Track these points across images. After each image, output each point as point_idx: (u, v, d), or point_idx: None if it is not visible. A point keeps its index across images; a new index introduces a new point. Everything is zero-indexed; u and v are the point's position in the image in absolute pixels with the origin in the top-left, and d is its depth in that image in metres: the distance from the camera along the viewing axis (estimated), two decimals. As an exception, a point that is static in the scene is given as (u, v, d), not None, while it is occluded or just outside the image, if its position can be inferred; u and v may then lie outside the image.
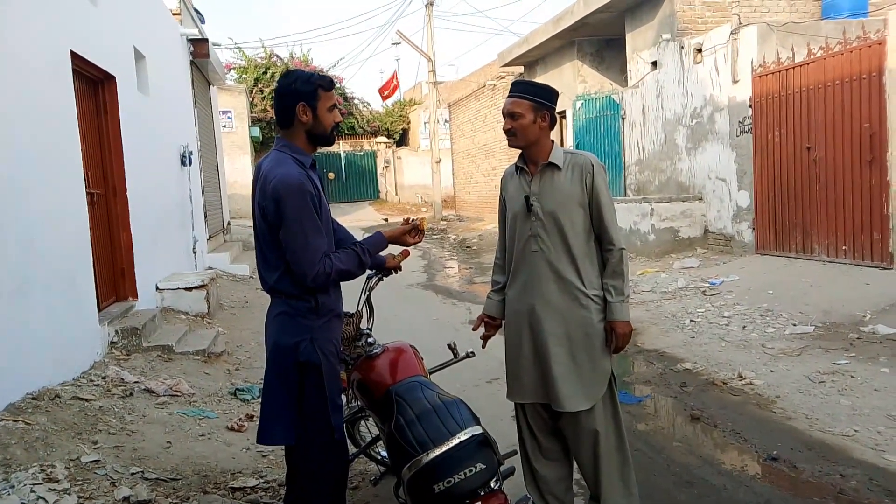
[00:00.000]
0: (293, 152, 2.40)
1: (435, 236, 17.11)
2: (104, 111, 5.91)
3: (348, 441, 3.54)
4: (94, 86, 5.80)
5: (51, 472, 2.98)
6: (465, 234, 16.47)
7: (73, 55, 5.00)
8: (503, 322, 2.85)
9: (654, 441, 3.93)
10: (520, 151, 2.73)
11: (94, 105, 5.79)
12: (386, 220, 21.83)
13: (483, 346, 2.99)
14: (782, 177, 7.94)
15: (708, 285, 7.42)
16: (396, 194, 27.47)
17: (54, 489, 2.86)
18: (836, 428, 3.90)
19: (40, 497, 2.78)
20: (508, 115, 2.65)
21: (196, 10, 11.27)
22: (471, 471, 2.21)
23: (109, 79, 5.90)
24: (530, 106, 2.61)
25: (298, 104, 2.38)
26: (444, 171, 22.13)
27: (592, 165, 2.62)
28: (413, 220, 2.70)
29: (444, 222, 19.53)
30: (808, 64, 7.52)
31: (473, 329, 2.95)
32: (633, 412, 4.37)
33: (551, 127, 2.68)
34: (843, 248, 7.11)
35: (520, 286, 2.72)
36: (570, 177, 2.62)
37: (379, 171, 28.39)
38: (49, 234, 4.33)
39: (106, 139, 5.90)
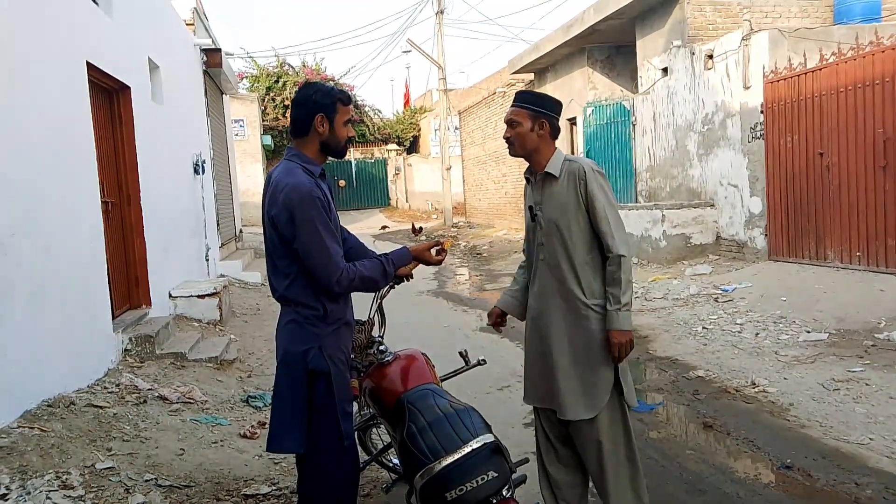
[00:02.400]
0: (303, 161, 2.44)
1: (445, 243, 17.11)
2: (119, 121, 5.98)
3: (360, 448, 3.55)
4: (109, 96, 5.87)
5: (66, 479, 3.01)
6: (475, 240, 16.47)
7: (89, 66, 5.07)
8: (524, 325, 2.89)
9: (667, 449, 3.91)
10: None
11: (109, 115, 5.87)
12: (385, 227, 21.88)
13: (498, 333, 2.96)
14: (795, 183, 7.90)
15: (720, 292, 7.37)
16: (407, 201, 27.53)
17: (70, 496, 2.89)
18: (851, 436, 3.86)
19: None
20: (508, 123, 2.71)
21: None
22: (483, 479, 2.21)
23: (124, 89, 5.98)
24: (528, 114, 2.65)
25: (317, 115, 2.43)
26: (455, 178, 22.17)
27: (585, 172, 2.59)
28: (419, 230, 2.75)
29: (455, 229, 19.55)
30: (820, 69, 7.49)
31: (488, 322, 2.98)
32: (645, 420, 4.35)
33: (553, 136, 2.69)
34: (857, 254, 7.05)
35: (535, 294, 2.77)
36: (565, 185, 2.63)
37: (389, 178, 28.50)
38: (64, 242, 4.39)
39: (120, 148, 5.97)
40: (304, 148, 2.48)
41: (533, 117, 2.64)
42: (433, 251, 2.64)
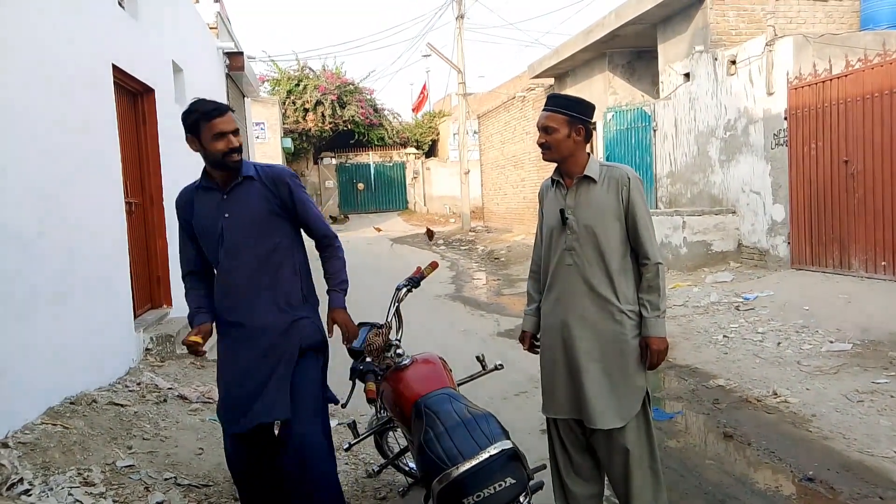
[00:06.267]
0: (201, 176, 2.72)
1: (463, 247, 17.12)
2: (143, 122, 6.06)
3: (377, 452, 3.56)
4: (133, 98, 5.96)
5: (87, 476, 3.05)
6: (493, 245, 16.44)
7: (115, 68, 5.15)
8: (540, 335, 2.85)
9: (686, 459, 3.86)
10: (555, 164, 2.73)
11: (133, 116, 5.95)
12: (379, 230, 22.02)
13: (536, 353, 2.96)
14: (819, 190, 7.79)
15: (741, 300, 7.29)
16: (425, 205, 27.58)
17: (91, 493, 2.92)
18: (875, 449, 3.79)
19: (77, 500, 2.84)
20: (542, 128, 2.64)
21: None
22: (501, 485, 2.20)
23: (149, 91, 6.06)
24: (565, 120, 2.60)
25: (187, 136, 2.58)
26: (473, 182, 22.17)
27: (629, 178, 2.60)
28: (433, 234, 2.83)
29: (473, 234, 19.53)
30: (845, 76, 7.38)
31: (524, 349, 2.96)
32: (664, 429, 4.31)
33: (587, 140, 2.67)
34: (882, 263, 6.93)
35: (553, 300, 2.71)
36: (605, 190, 2.61)
37: (408, 181, 28.56)
38: (88, 242, 4.45)
39: (144, 150, 6.05)
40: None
41: (569, 123, 2.60)
42: (191, 339, 2.64)
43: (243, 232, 2.62)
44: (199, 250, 2.73)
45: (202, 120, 2.52)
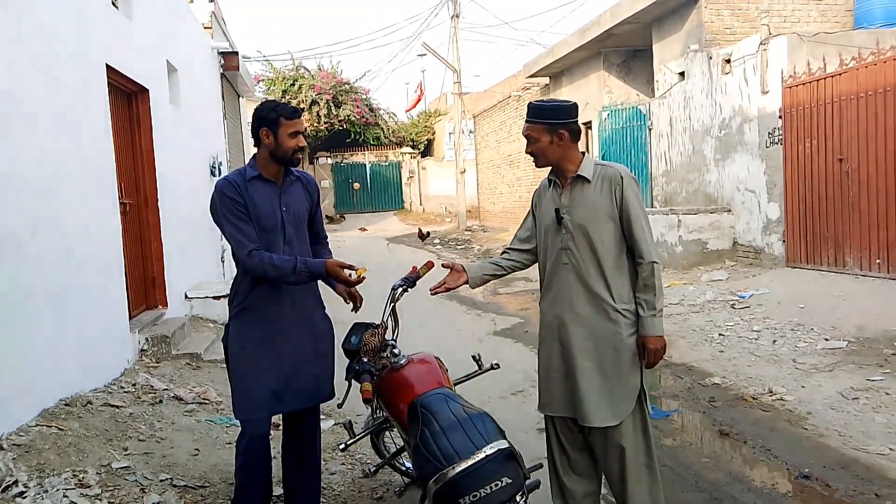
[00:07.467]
0: (247, 166, 2.82)
1: (459, 247, 17.12)
2: (137, 123, 6.04)
3: (373, 451, 3.56)
4: (127, 98, 5.93)
5: (83, 478, 3.03)
6: (489, 244, 16.44)
7: (109, 69, 5.13)
8: (538, 330, 2.85)
9: (682, 457, 3.87)
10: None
11: (127, 117, 5.93)
12: (363, 229, 22.11)
13: (431, 292, 2.84)
14: (813, 188, 7.81)
15: (737, 298, 7.31)
16: (421, 204, 27.57)
17: (86, 495, 2.91)
18: (870, 446, 3.80)
19: (73, 502, 2.83)
20: (526, 138, 2.70)
21: None
22: (497, 485, 2.20)
23: (143, 91, 6.04)
24: (543, 129, 2.63)
25: (262, 129, 2.74)
26: (469, 181, 22.17)
27: (622, 177, 2.60)
28: (426, 235, 2.86)
29: (468, 233, 19.53)
30: (840, 74, 7.41)
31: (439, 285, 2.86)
32: (660, 427, 4.32)
33: (575, 140, 2.67)
34: (877, 261, 6.96)
35: (551, 299, 2.72)
36: (599, 189, 2.62)
37: (403, 181, 28.56)
38: (83, 243, 4.43)
39: (138, 150, 6.03)
40: (257, 156, 2.81)
41: (549, 130, 2.62)
42: (346, 272, 2.72)
43: (297, 227, 2.85)
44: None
45: (284, 117, 2.72)
